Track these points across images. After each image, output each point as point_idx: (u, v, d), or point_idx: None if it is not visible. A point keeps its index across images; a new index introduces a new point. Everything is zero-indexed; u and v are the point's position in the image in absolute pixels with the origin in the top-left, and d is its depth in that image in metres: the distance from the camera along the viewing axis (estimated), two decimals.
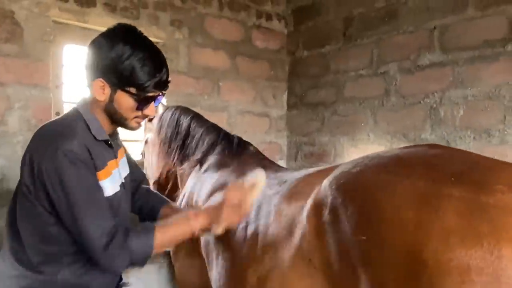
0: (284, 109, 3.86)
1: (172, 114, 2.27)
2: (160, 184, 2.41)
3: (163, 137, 2.24)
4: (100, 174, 1.33)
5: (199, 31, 3.27)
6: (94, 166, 1.31)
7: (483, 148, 2.56)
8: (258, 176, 1.43)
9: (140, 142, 2.67)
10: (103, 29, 2.81)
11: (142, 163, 2.54)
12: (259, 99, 3.67)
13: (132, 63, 1.27)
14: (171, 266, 2.65)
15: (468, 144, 2.64)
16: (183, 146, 2.20)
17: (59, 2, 2.62)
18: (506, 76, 2.48)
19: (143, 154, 2.51)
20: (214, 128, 2.24)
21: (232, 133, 2.27)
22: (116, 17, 2.84)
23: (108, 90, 1.32)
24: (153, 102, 1.37)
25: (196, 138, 2.18)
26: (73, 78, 2.81)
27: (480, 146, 2.58)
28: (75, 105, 1.43)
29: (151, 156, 2.40)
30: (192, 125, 2.21)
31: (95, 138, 1.34)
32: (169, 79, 1.38)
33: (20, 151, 2.49)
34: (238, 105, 3.53)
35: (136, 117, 1.39)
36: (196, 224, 1.36)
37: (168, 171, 2.32)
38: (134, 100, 1.33)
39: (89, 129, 1.34)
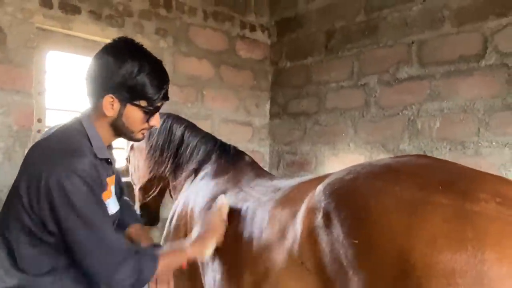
0: (267, 118, 3.91)
1: (164, 122, 2.26)
2: (145, 190, 2.41)
3: (153, 144, 2.23)
4: (104, 195, 1.34)
5: (184, 40, 3.30)
6: (101, 186, 1.32)
7: (458, 159, 2.65)
8: (223, 200, 1.69)
9: (124, 149, 2.66)
10: (88, 36, 2.86)
11: (127, 169, 2.53)
12: (242, 108, 3.71)
13: (142, 79, 1.32)
14: None
15: (444, 155, 2.73)
16: (176, 155, 2.20)
17: (43, 9, 2.60)
18: (480, 90, 2.60)
19: (128, 159, 2.51)
20: (209, 138, 2.25)
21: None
22: (101, 25, 2.85)
23: (117, 106, 1.34)
24: (157, 112, 1.43)
25: (191, 147, 2.18)
26: (56, 85, 2.79)
27: (455, 157, 2.67)
28: (78, 117, 1.42)
29: (137, 162, 2.39)
30: (187, 134, 2.22)
31: (95, 156, 1.34)
32: None
33: (1, 158, 2.46)
34: (221, 114, 3.56)
35: (142, 129, 1.43)
36: (191, 254, 1.47)
37: (154, 178, 2.32)
38: (143, 113, 1.37)
39: (91, 146, 1.35)
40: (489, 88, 2.56)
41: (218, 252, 1.70)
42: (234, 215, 1.71)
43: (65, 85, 2.84)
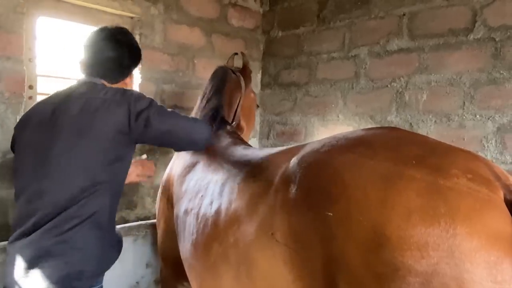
0: (258, 88, 3.90)
1: (211, 77, 2.46)
2: None
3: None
4: None
5: (175, 7, 3.26)
6: None
7: (443, 132, 2.73)
8: None
9: None
10: (78, 2, 2.82)
11: None
12: None
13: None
14: (146, 238, 2.74)
15: (430, 127, 2.80)
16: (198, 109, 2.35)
17: None
18: (467, 64, 2.64)
19: None
20: (211, 106, 2.30)
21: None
22: None
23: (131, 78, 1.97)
24: None
25: (202, 111, 2.31)
26: (47, 51, 2.77)
27: (440, 129, 2.74)
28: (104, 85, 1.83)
29: None
30: (209, 94, 2.37)
31: None
32: None
33: None
34: None
35: None
36: None
37: None
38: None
39: None
40: (476, 62, 2.60)
41: (188, 222, 1.73)
42: (204, 186, 1.73)
43: (55, 51, 2.82)
